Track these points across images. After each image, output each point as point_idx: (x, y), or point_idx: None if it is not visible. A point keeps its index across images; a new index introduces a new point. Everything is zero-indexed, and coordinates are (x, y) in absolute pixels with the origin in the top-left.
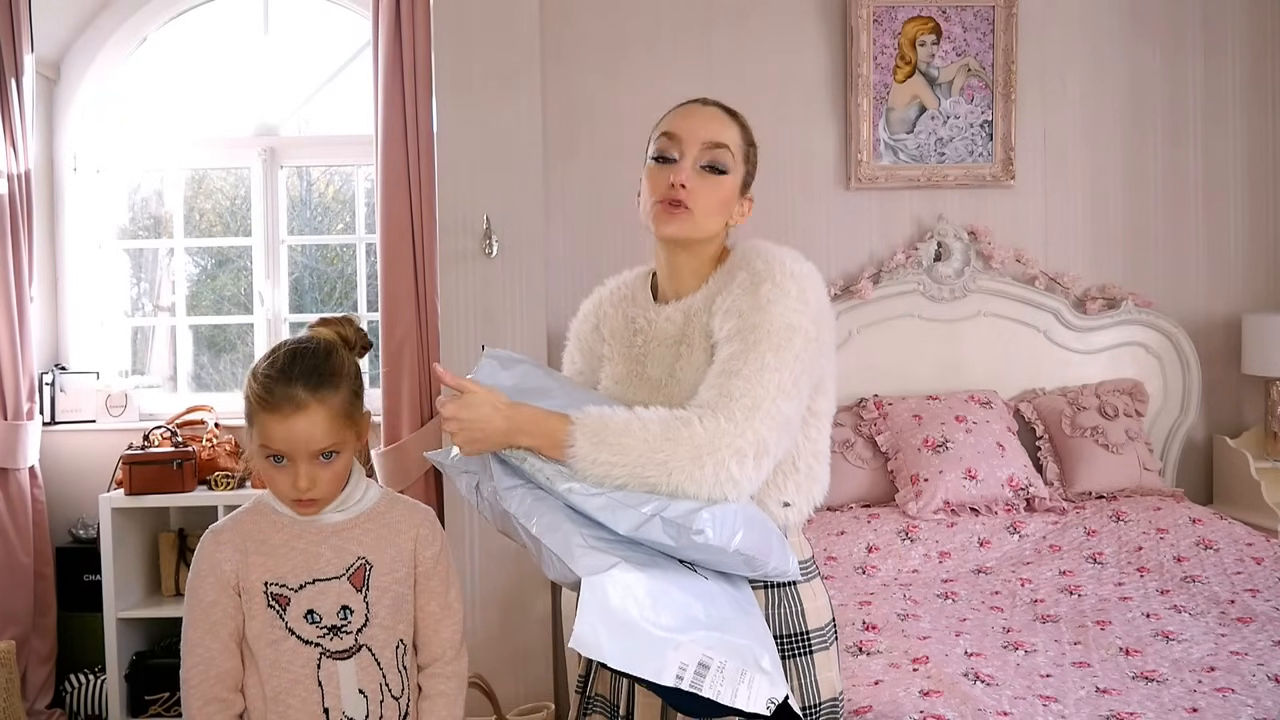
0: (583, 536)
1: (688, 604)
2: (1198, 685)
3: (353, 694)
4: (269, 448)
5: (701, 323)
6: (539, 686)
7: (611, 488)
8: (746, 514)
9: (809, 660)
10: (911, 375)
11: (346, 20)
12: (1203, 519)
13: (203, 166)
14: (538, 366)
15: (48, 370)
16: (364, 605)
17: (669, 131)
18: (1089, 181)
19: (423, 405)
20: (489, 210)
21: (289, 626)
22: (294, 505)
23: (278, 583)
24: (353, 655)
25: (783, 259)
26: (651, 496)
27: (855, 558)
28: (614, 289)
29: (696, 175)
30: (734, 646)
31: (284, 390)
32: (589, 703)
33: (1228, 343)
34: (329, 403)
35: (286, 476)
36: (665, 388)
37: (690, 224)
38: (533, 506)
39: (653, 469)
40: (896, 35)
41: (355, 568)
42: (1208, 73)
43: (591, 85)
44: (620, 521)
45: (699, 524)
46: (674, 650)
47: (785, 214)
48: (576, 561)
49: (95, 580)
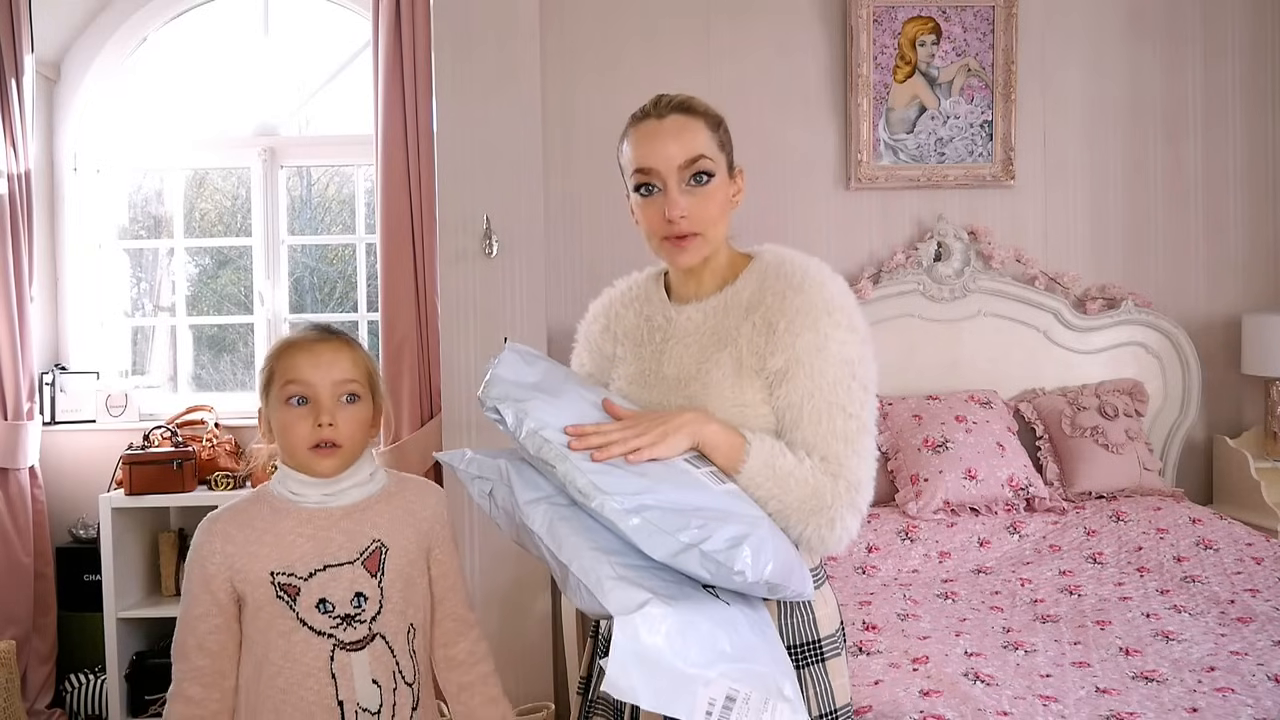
0: (612, 566)
1: (715, 636)
2: (1198, 685)
3: (366, 685)
4: (295, 384)
5: (733, 327)
6: (539, 686)
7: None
8: (776, 542)
9: (822, 668)
10: (911, 375)
11: (346, 20)
12: (1203, 519)
13: (203, 166)
14: (557, 367)
15: (48, 370)
16: (378, 591)
17: (642, 168)
18: (1089, 181)
19: (423, 405)
20: (489, 210)
21: (300, 617)
22: (313, 453)
23: (285, 572)
24: (366, 645)
25: (819, 278)
26: (690, 520)
27: (855, 558)
28: (625, 290)
29: (687, 197)
30: (757, 676)
31: (313, 333)
32: (591, 706)
33: (1228, 343)
34: (354, 349)
35: (307, 418)
36: (687, 387)
37: (704, 246)
38: (557, 528)
39: (796, 516)
40: (896, 35)
41: (370, 551)
42: (1207, 73)
43: (591, 85)
44: (656, 548)
45: (739, 564)
46: (704, 686)
47: (785, 214)
48: (607, 596)
49: (95, 580)
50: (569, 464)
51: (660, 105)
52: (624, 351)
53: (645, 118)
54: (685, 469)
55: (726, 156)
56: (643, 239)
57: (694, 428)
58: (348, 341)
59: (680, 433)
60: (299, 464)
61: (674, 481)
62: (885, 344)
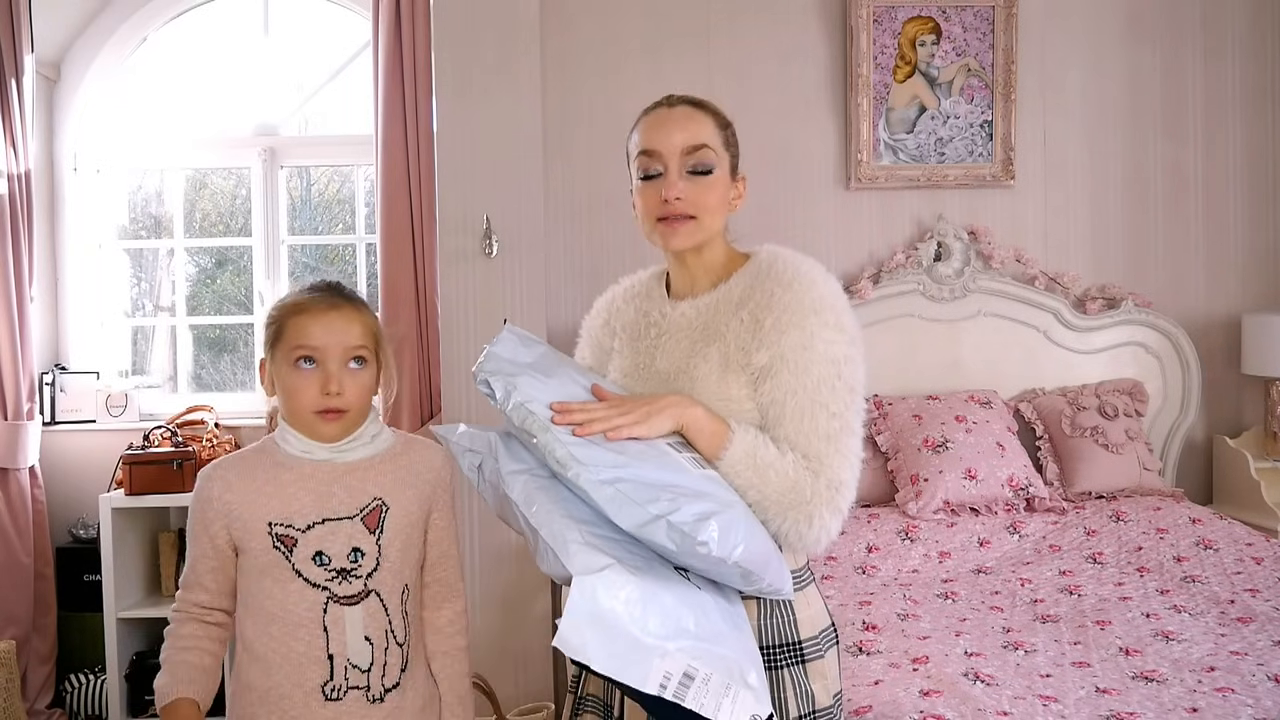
0: (580, 532)
1: (679, 613)
2: (1197, 685)
3: (358, 641)
4: (303, 347)
5: (722, 323)
6: (539, 686)
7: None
8: (750, 528)
9: (801, 670)
10: (911, 375)
11: (346, 20)
12: (1202, 519)
13: (203, 166)
14: (554, 352)
15: (48, 370)
16: (376, 548)
17: (647, 149)
18: (1089, 181)
19: (423, 405)
20: (489, 210)
21: (295, 568)
22: (318, 417)
23: (283, 523)
24: (360, 601)
25: (810, 277)
26: (661, 495)
27: (855, 558)
28: (628, 286)
29: (686, 182)
30: (721, 659)
31: (322, 294)
32: (581, 703)
33: (1228, 343)
34: (363, 312)
35: (314, 382)
36: (675, 381)
37: (697, 231)
38: (534, 495)
39: (774, 509)
40: (896, 35)
41: (370, 508)
42: (1207, 73)
43: (591, 85)
44: (625, 517)
45: (704, 535)
46: (660, 658)
47: (785, 214)
48: (571, 558)
49: (95, 580)
50: (550, 435)
51: (672, 98)
52: (620, 345)
53: (656, 108)
54: (666, 450)
55: (730, 157)
56: (640, 233)
57: (678, 410)
58: (358, 306)
59: (663, 414)
60: (303, 425)
61: (654, 461)
62: (885, 344)
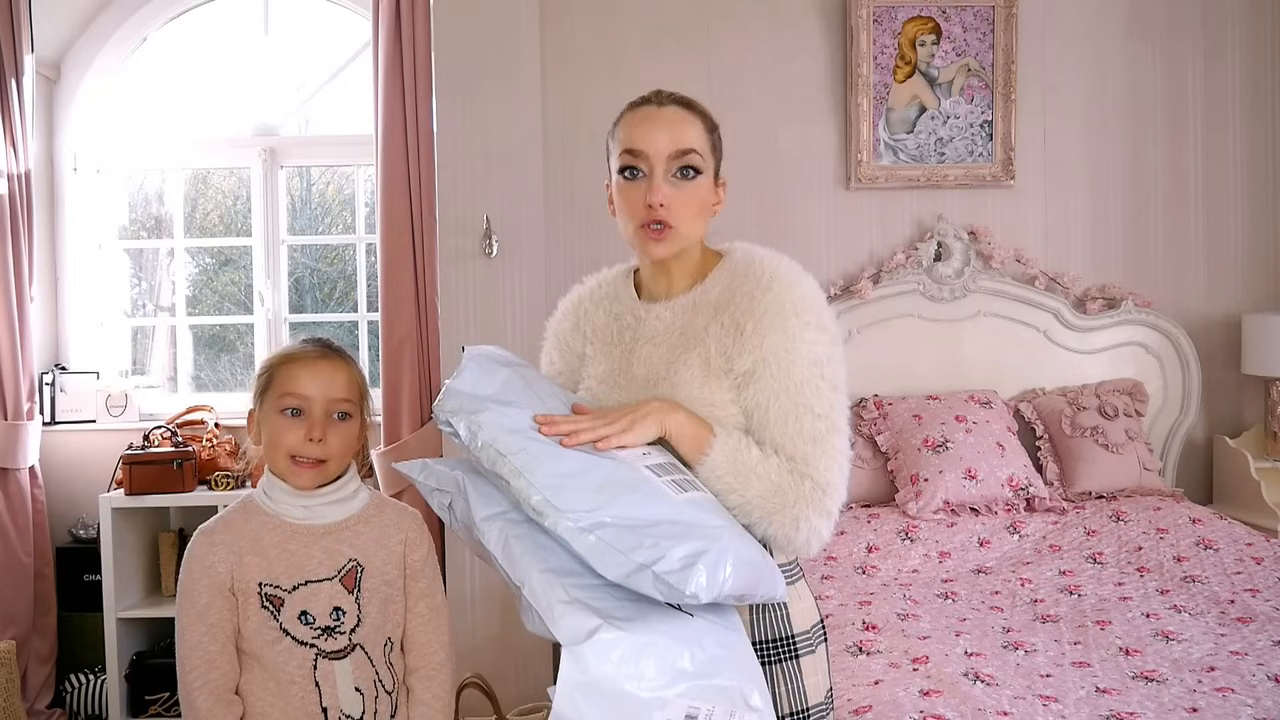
0: (565, 589)
1: (674, 653)
2: (1198, 685)
3: (349, 692)
4: (292, 395)
5: (701, 327)
6: (539, 686)
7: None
8: (739, 550)
9: (795, 665)
10: (911, 375)
11: (346, 20)
12: (1202, 519)
13: (203, 166)
14: (517, 373)
15: (48, 370)
16: (355, 606)
17: (631, 149)
18: (1089, 181)
19: (423, 405)
20: (489, 210)
21: (284, 627)
22: (297, 468)
23: (271, 583)
24: (348, 655)
25: (788, 278)
26: (644, 539)
27: (855, 557)
28: (594, 287)
29: (671, 186)
30: (721, 691)
31: (312, 346)
32: None
33: (1228, 343)
34: (350, 366)
35: (299, 431)
36: (656, 388)
37: (678, 240)
38: (510, 546)
39: (758, 513)
40: (896, 35)
41: (347, 569)
42: (1207, 73)
43: (591, 84)
44: (609, 567)
45: (691, 587)
46: (660, 710)
47: (785, 214)
48: (557, 622)
49: (95, 580)
50: (523, 480)
51: (661, 95)
52: (594, 351)
53: (644, 104)
54: (647, 477)
55: (715, 161)
56: (620, 228)
57: (661, 415)
58: (346, 360)
59: (647, 420)
60: (280, 471)
61: (635, 494)
62: (885, 344)
